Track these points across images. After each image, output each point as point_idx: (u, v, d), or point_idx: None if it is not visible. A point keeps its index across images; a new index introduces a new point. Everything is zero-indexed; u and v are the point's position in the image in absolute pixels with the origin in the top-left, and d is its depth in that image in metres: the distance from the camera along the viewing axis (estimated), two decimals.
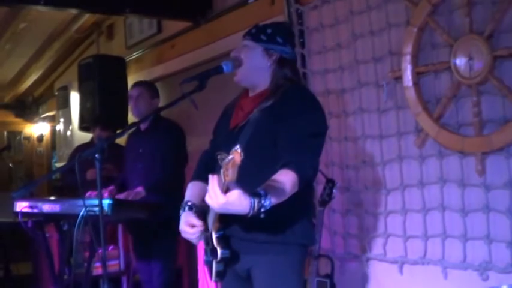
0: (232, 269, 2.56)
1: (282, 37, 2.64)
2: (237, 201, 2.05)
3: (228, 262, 2.51)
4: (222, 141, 2.64)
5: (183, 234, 2.57)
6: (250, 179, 2.22)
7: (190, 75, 2.57)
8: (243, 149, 2.05)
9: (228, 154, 1.95)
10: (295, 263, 2.56)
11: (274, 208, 2.15)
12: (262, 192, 2.12)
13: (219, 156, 1.99)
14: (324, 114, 2.58)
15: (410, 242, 3.60)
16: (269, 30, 2.64)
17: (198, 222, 2.50)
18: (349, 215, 4.01)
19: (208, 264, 2.57)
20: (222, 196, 2.03)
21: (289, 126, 2.43)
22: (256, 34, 2.64)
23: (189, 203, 2.62)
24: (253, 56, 2.62)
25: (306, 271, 3.58)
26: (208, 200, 2.09)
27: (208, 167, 2.69)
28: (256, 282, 2.55)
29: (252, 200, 2.09)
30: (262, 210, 2.12)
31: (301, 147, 2.39)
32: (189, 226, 2.52)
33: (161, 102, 6.02)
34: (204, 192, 2.60)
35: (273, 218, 2.28)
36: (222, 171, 2.01)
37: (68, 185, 5.76)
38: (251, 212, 2.10)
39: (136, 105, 4.60)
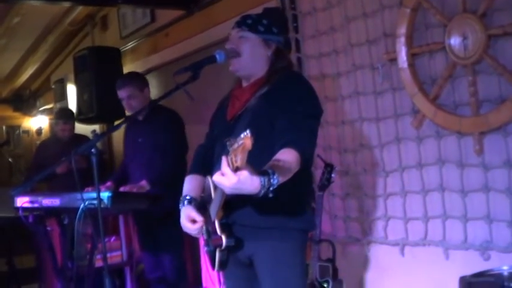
0: (234, 256, 2.56)
1: (277, 28, 2.68)
2: (248, 180, 2.01)
3: (231, 250, 2.51)
4: (220, 133, 2.64)
5: (184, 229, 2.59)
6: (251, 163, 2.21)
7: (184, 66, 2.56)
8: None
9: (236, 140, 1.92)
10: (297, 248, 2.58)
11: (274, 194, 2.15)
12: (270, 170, 2.10)
13: (227, 143, 1.96)
14: (317, 98, 2.60)
15: (411, 223, 3.60)
16: (265, 21, 2.66)
17: (199, 218, 2.51)
18: (349, 198, 4.01)
19: (210, 254, 2.56)
20: (234, 175, 1.97)
21: (286, 109, 2.44)
22: (254, 25, 2.64)
23: (188, 197, 2.63)
24: (254, 47, 2.62)
25: (307, 256, 3.59)
26: (220, 179, 2.02)
27: (204, 160, 2.71)
28: (258, 268, 2.56)
29: (262, 178, 2.06)
30: (271, 189, 2.09)
31: (299, 127, 2.40)
32: (190, 221, 2.54)
33: (157, 92, 6.03)
34: (201, 185, 2.63)
35: (273, 204, 2.28)
36: (229, 157, 1.97)
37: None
38: (262, 191, 2.07)
39: (129, 104, 4.49)
